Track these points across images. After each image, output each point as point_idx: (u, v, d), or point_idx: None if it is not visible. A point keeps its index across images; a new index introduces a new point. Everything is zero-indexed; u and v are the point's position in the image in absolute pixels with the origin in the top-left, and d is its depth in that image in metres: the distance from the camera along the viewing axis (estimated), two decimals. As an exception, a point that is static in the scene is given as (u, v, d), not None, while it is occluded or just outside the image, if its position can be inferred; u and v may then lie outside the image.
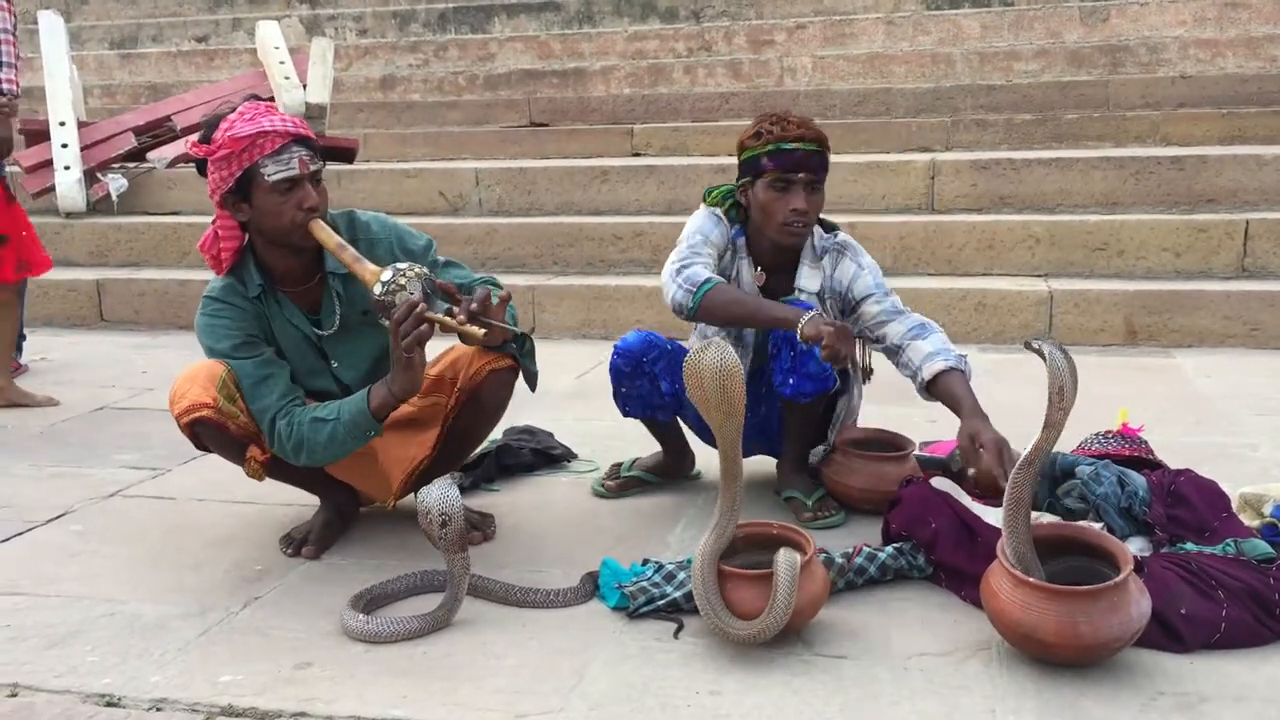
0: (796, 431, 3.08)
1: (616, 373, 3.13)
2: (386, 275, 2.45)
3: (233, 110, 2.59)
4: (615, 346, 3.15)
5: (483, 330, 2.43)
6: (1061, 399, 2.17)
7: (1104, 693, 2.06)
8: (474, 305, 2.44)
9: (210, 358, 2.69)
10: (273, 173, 2.54)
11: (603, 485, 3.26)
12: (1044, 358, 2.20)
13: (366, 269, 2.52)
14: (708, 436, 3.18)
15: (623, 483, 3.27)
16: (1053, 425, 2.18)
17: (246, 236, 2.71)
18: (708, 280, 2.84)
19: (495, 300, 2.51)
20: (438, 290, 2.51)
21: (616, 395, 3.17)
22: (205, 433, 2.66)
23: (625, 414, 3.20)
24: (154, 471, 3.60)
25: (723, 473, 2.33)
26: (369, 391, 2.57)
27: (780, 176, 2.88)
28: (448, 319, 2.43)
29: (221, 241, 2.69)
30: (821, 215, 3.06)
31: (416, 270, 2.47)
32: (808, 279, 3.01)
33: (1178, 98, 8.06)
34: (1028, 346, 2.26)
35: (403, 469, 2.92)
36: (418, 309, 2.40)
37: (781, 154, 2.88)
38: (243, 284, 2.71)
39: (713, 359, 2.26)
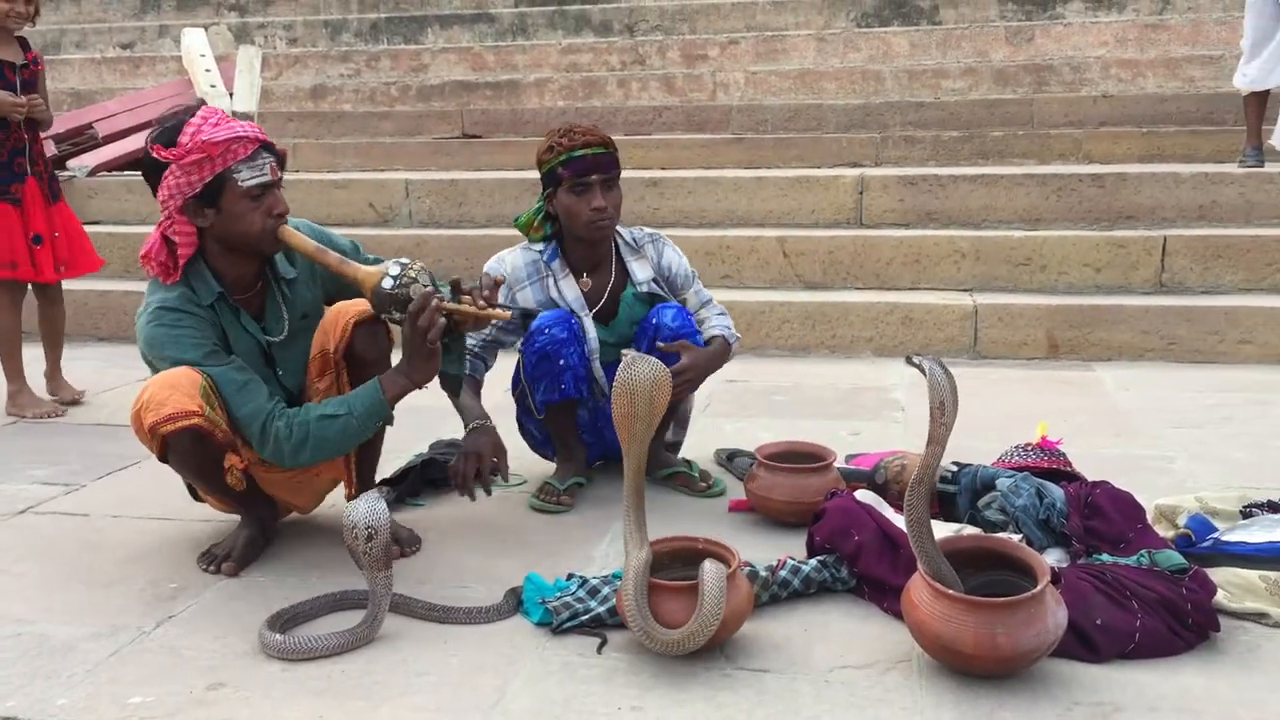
0: (666, 415, 3.23)
1: (557, 344, 3.13)
2: (395, 270, 2.54)
3: (190, 114, 2.54)
4: (541, 325, 3.16)
5: (507, 311, 2.68)
6: (943, 414, 2.19)
7: (1021, 703, 2.08)
8: (485, 292, 2.64)
9: (175, 366, 2.58)
10: (247, 178, 2.53)
11: (558, 502, 3.21)
12: (924, 373, 2.22)
13: (358, 269, 2.60)
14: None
15: (570, 490, 3.26)
16: (937, 441, 2.20)
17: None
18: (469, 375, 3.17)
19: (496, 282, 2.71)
20: (436, 280, 2.63)
21: (548, 376, 3.15)
22: (189, 442, 2.55)
23: (552, 399, 3.20)
24: (67, 487, 3.50)
25: (632, 488, 2.35)
26: (380, 382, 2.63)
27: (577, 181, 3.13)
28: (468, 307, 2.60)
29: (179, 249, 2.61)
30: None
31: (420, 265, 2.59)
32: (638, 271, 3.33)
33: (1099, 116, 8.25)
34: (909, 362, 2.30)
35: (335, 466, 2.89)
36: (436, 299, 2.54)
37: (573, 161, 3.13)
38: (194, 292, 2.64)
39: (645, 373, 2.32)
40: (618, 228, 3.31)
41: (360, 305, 2.74)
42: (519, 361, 3.27)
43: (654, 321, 3.21)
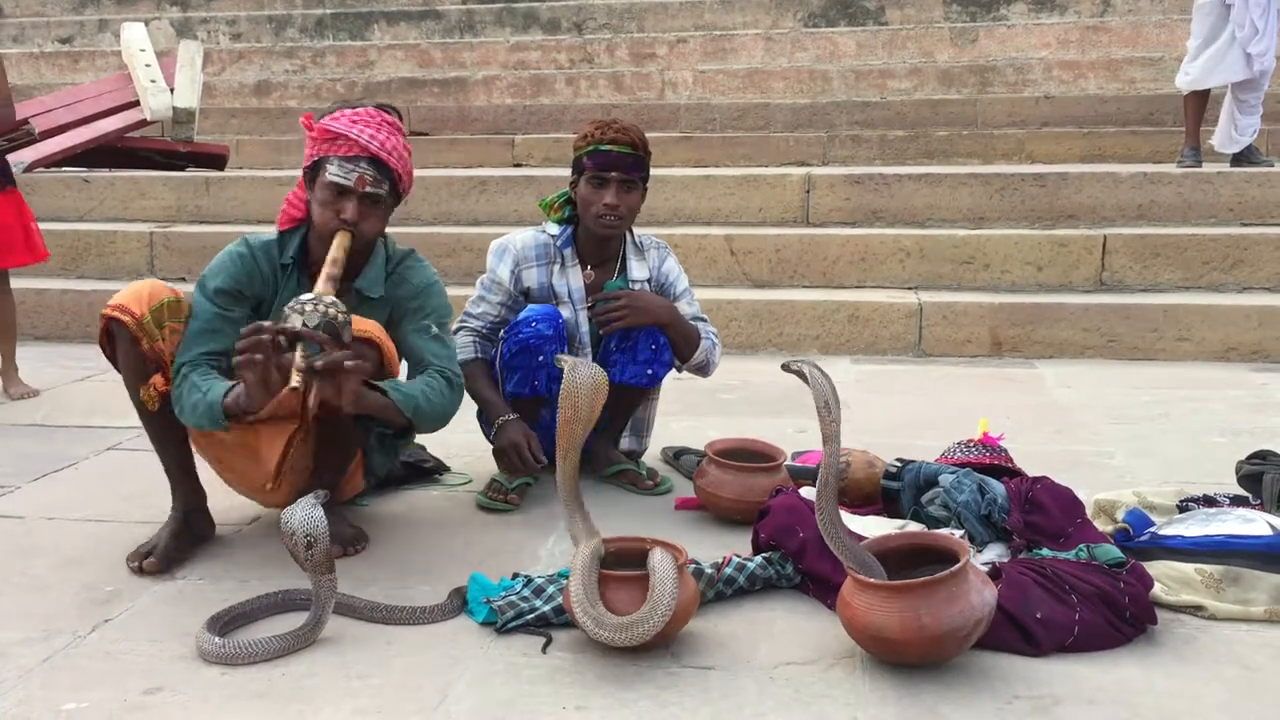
0: (623, 413, 3.37)
1: (541, 339, 3.14)
2: (305, 296, 2.52)
3: (354, 108, 2.76)
4: (528, 317, 3.18)
5: (296, 383, 2.41)
6: (829, 412, 2.22)
7: (962, 696, 2.10)
8: (319, 363, 2.42)
9: (198, 284, 2.77)
10: (332, 173, 2.71)
11: (506, 500, 3.18)
12: (806, 379, 2.24)
13: (319, 285, 2.60)
14: None
15: (519, 490, 3.23)
16: (831, 439, 2.22)
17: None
18: (460, 360, 3.09)
19: (350, 365, 2.46)
20: (341, 337, 2.49)
21: (524, 369, 3.16)
22: (118, 335, 2.69)
23: (522, 393, 3.19)
24: (1, 489, 3.43)
25: (571, 492, 2.37)
26: (232, 386, 2.58)
27: (596, 174, 3.19)
28: (296, 355, 2.43)
29: (288, 207, 2.89)
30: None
31: (330, 311, 2.48)
32: (636, 270, 3.38)
33: (1042, 117, 8.37)
34: (786, 369, 2.32)
35: (276, 448, 2.86)
36: (268, 334, 2.43)
37: (598, 154, 3.18)
38: (281, 248, 2.85)
39: (587, 376, 2.36)
40: (633, 230, 3.38)
41: (367, 330, 2.70)
42: (498, 347, 3.26)
43: None
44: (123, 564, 2.78)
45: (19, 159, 7.19)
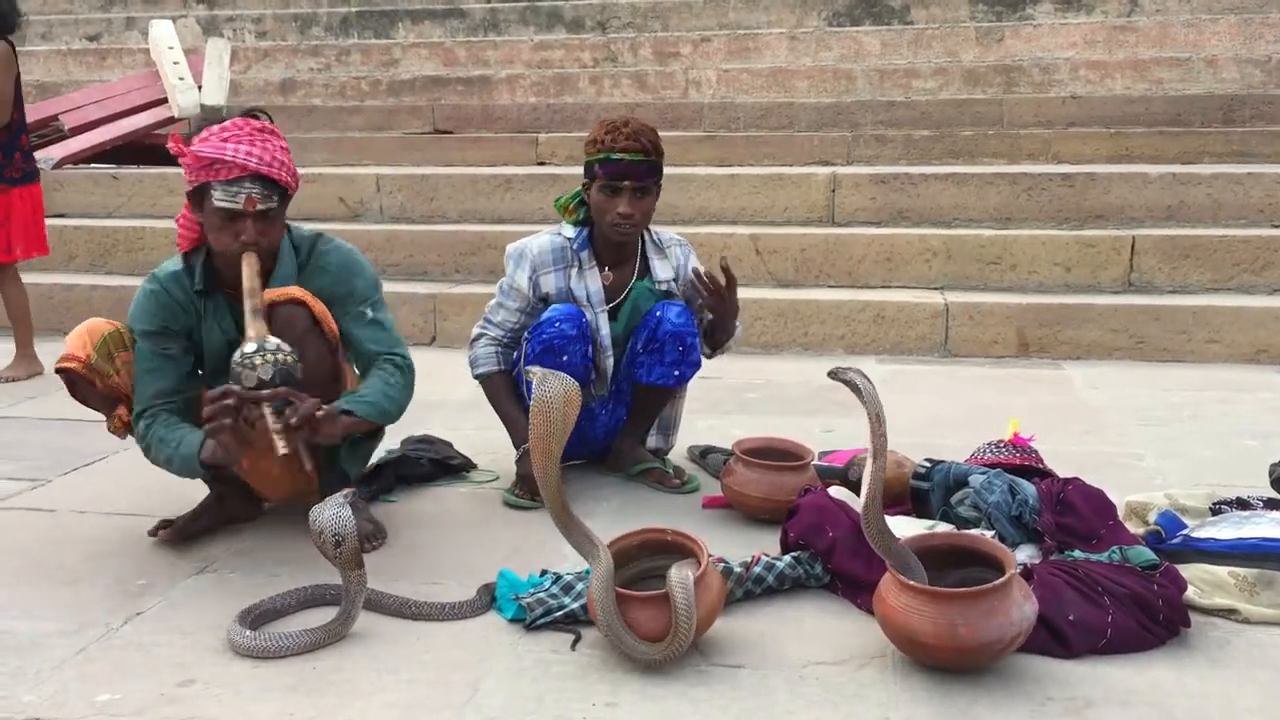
0: (649, 412, 3.39)
1: (565, 339, 3.14)
2: (250, 348, 2.51)
3: (219, 122, 2.70)
4: (551, 317, 3.17)
5: (283, 449, 2.45)
6: (880, 424, 2.18)
7: (995, 698, 2.09)
8: (295, 419, 2.47)
9: (128, 325, 2.79)
10: (219, 199, 2.64)
11: (532, 498, 3.14)
12: (859, 391, 2.18)
13: (252, 327, 2.58)
14: None
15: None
16: (880, 452, 2.19)
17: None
18: (483, 374, 3.33)
19: (320, 414, 2.51)
20: (296, 378, 2.52)
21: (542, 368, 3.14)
22: (76, 384, 2.75)
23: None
24: (33, 482, 3.45)
25: (560, 507, 2.31)
26: (204, 439, 2.61)
27: (608, 183, 3.14)
28: (267, 417, 2.46)
29: (183, 229, 2.84)
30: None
31: (279, 357, 2.50)
32: (660, 270, 3.36)
33: (1068, 117, 8.30)
34: (834, 376, 2.24)
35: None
36: (232, 399, 2.46)
37: (610, 163, 3.12)
38: (189, 277, 2.81)
39: (558, 388, 2.28)
40: (651, 228, 3.35)
41: (290, 292, 2.73)
42: (522, 349, 3.26)
43: (657, 315, 3.23)
44: (153, 557, 2.81)
45: (48, 156, 7.27)
